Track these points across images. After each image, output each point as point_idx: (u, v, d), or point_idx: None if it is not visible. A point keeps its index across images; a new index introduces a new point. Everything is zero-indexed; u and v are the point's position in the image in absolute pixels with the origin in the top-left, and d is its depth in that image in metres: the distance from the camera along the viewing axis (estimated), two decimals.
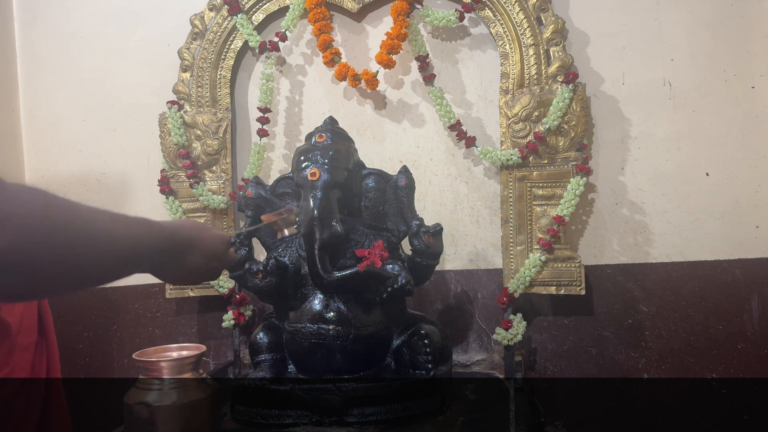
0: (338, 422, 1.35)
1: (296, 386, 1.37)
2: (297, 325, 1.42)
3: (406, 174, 1.50)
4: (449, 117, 1.81)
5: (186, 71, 1.95)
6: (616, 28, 1.79)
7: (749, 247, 1.73)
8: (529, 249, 1.73)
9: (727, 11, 1.73)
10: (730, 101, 1.73)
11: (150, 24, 2.07)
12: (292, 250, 1.50)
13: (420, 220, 1.46)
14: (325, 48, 1.84)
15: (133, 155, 2.09)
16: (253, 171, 1.88)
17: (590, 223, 1.82)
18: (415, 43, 1.83)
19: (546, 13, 1.74)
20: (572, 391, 1.82)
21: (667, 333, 1.77)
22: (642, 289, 1.79)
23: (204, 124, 1.92)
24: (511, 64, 1.76)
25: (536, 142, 1.71)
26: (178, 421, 1.25)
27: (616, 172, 1.80)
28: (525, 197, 1.74)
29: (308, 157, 1.43)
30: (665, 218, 1.78)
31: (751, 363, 1.72)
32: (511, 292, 1.71)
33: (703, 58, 1.75)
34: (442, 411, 1.40)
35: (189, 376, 1.31)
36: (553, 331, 1.84)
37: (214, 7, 1.93)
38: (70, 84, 2.14)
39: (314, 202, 1.38)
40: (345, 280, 1.37)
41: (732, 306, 1.73)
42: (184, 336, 2.03)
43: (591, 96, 1.79)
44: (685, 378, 1.76)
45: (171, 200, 1.91)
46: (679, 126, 1.76)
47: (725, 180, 1.74)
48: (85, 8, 2.12)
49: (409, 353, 1.43)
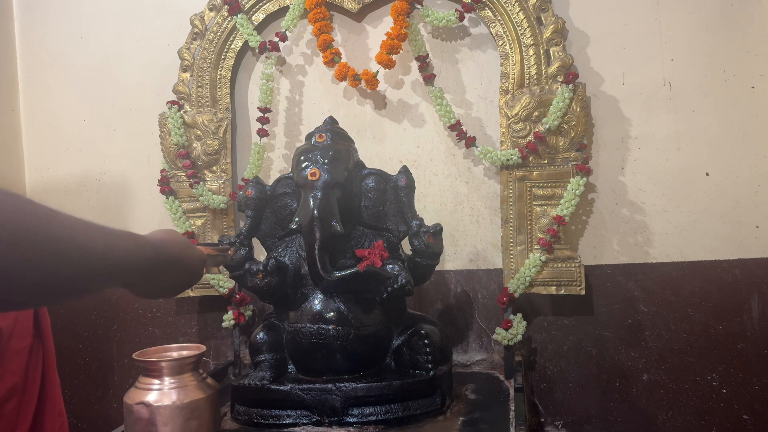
0: (338, 422, 1.35)
1: (296, 386, 1.37)
2: (297, 325, 1.42)
3: (406, 174, 1.50)
4: (449, 117, 1.81)
5: (186, 71, 1.95)
6: (616, 28, 1.79)
7: (749, 247, 1.73)
8: (529, 249, 1.73)
9: (727, 11, 1.73)
10: (730, 101, 1.73)
11: (150, 24, 2.07)
12: (292, 250, 1.50)
13: (420, 220, 1.46)
14: (325, 48, 1.84)
15: (133, 155, 2.09)
16: (253, 171, 1.88)
17: (590, 223, 1.82)
18: (415, 43, 1.83)
19: (546, 13, 1.74)
20: (572, 391, 1.82)
21: (667, 333, 1.77)
22: (642, 289, 1.79)
23: (204, 124, 1.92)
24: (511, 64, 1.76)
25: (536, 142, 1.71)
26: (178, 421, 1.26)
27: (616, 172, 1.80)
28: (525, 197, 1.74)
29: (308, 157, 1.43)
30: (665, 218, 1.78)
31: (751, 363, 1.72)
32: (511, 292, 1.71)
33: (703, 58, 1.75)
34: (442, 411, 1.40)
35: (189, 376, 1.31)
36: (553, 331, 1.84)
37: (214, 7, 1.93)
38: (70, 84, 2.14)
39: (314, 202, 1.38)
40: (345, 280, 1.37)
41: (732, 306, 1.73)
42: (184, 336, 2.03)
43: (591, 96, 1.79)
44: (685, 378, 1.76)
45: (171, 200, 1.91)
46: (679, 126, 1.76)
47: (725, 180, 1.74)
48: (85, 8, 2.12)
49: (409, 353, 1.43)
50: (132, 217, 2.07)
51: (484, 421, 1.38)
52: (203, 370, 1.38)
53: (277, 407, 1.37)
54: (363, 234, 1.49)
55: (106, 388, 2.09)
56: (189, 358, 1.33)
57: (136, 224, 2.08)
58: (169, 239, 0.86)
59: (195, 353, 1.35)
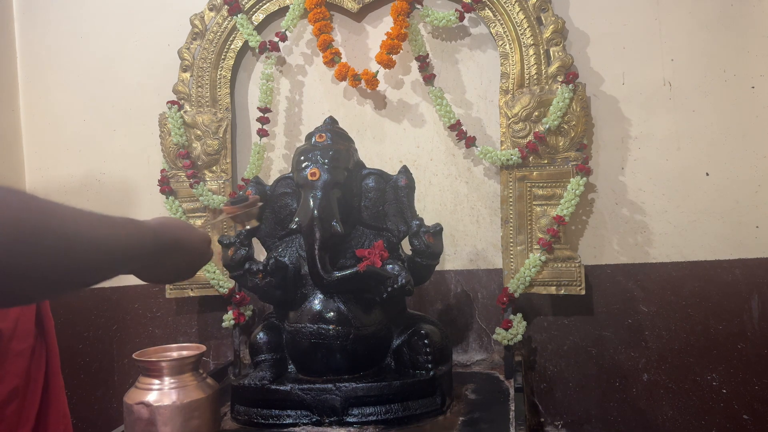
0: (338, 422, 1.35)
1: (296, 386, 1.37)
2: (297, 325, 1.42)
3: (406, 174, 1.50)
4: (449, 117, 1.81)
5: (186, 71, 1.95)
6: (616, 28, 1.79)
7: (749, 247, 1.73)
8: (529, 249, 1.73)
9: (727, 11, 1.73)
10: (730, 101, 1.73)
11: (150, 24, 2.07)
12: (292, 250, 1.50)
13: (420, 220, 1.46)
14: (325, 48, 1.84)
15: (133, 155, 2.09)
16: (253, 171, 1.88)
17: (590, 223, 1.82)
18: (415, 43, 1.83)
19: (546, 13, 1.74)
20: (572, 391, 1.82)
21: (667, 333, 1.77)
22: (642, 289, 1.79)
23: (204, 124, 1.92)
24: (511, 64, 1.76)
25: (536, 142, 1.71)
26: (178, 421, 1.26)
27: (616, 172, 1.80)
28: (525, 197, 1.74)
29: (308, 157, 1.43)
30: (665, 218, 1.78)
31: (751, 363, 1.72)
32: (511, 292, 1.71)
33: (703, 58, 1.75)
34: (442, 411, 1.40)
35: (189, 376, 1.31)
36: (553, 331, 1.84)
37: (214, 7, 1.93)
38: (70, 84, 2.14)
39: (314, 202, 1.38)
40: (345, 280, 1.37)
41: (732, 306, 1.73)
42: (184, 336, 2.03)
43: (591, 96, 1.79)
44: (685, 378, 1.76)
45: (171, 200, 1.91)
46: (679, 126, 1.76)
47: (725, 180, 1.74)
48: (85, 8, 2.12)
49: (409, 353, 1.43)
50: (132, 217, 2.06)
51: (484, 421, 1.38)
52: (203, 370, 1.38)
53: (277, 407, 1.38)
54: (363, 234, 1.49)
55: (106, 388, 2.09)
56: (189, 358, 1.33)
57: None
58: (168, 222, 0.87)
59: (195, 353, 1.35)
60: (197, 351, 1.37)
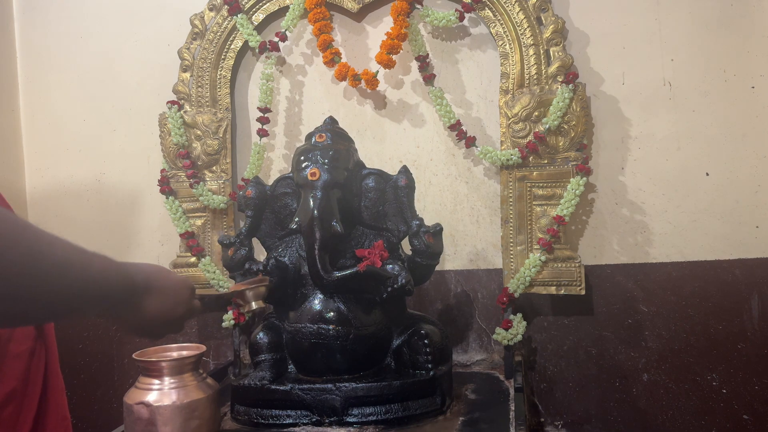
0: (338, 422, 1.35)
1: (296, 386, 1.37)
2: (297, 325, 1.42)
3: (406, 174, 1.50)
4: (449, 117, 1.81)
5: (186, 71, 1.95)
6: (616, 28, 1.79)
7: (749, 247, 1.73)
8: (529, 249, 1.73)
9: (727, 11, 1.73)
10: (730, 101, 1.73)
11: (150, 24, 2.07)
12: (292, 250, 1.50)
13: (420, 220, 1.46)
14: (325, 48, 1.84)
15: (133, 155, 2.09)
16: (253, 171, 1.88)
17: (590, 223, 1.82)
18: (415, 43, 1.83)
19: (546, 13, 1.74)
20: (572, 391, 1.82)
21: (667, 333, 1.77)
22: (642, 289, 1.79)
23: (204, 124, 1.92)
24: (511, 64, 1.76)
25: (536, 142, 1.71)
26: (178, 421, 1.26)
27: (616, 172, 1.80)
28: (525, 197, 1.74)
29: (308, 157, 1.43)
30: (665, 218, 1.78)
31: (751, 363, 1.72)
32: (511, 292, 1.71)
33: (703, 58, 1.75)
34: (442, 411, 1.40)
35: (189, 376, 1.31)
36: (553, 331, 1.84)
37: (214, 7, 1.93)
38: (70, 84, 2.14)
39: (314, 202, 1.38)
40: (345, 280, 1.37)
41: (732, 306, 1.73)
42: (184, 336, 2.03)
43: (591, 96, 1.79)
44: (685, 378, 1.76)
45: (171, 200, 1.91)
46: (679, 126, 1.76)
47: (725, 180, 1.74)
48: (85, 8, 2.12)
49: (409, 353, 1.43)
50: (132, 217, 2.07)
51: (484, 421, 1.38)
52: (203, 370, 1.38)
53: (277, 407, 1.38)
54: (363, 234, 1.49)
55: (106, 388, 2.09)
56: (189, 358, 1.33)
57: (137, 224, 2.08)
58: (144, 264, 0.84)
59: (195, 353, 1.35)
60: (197, 351, 1.37)
